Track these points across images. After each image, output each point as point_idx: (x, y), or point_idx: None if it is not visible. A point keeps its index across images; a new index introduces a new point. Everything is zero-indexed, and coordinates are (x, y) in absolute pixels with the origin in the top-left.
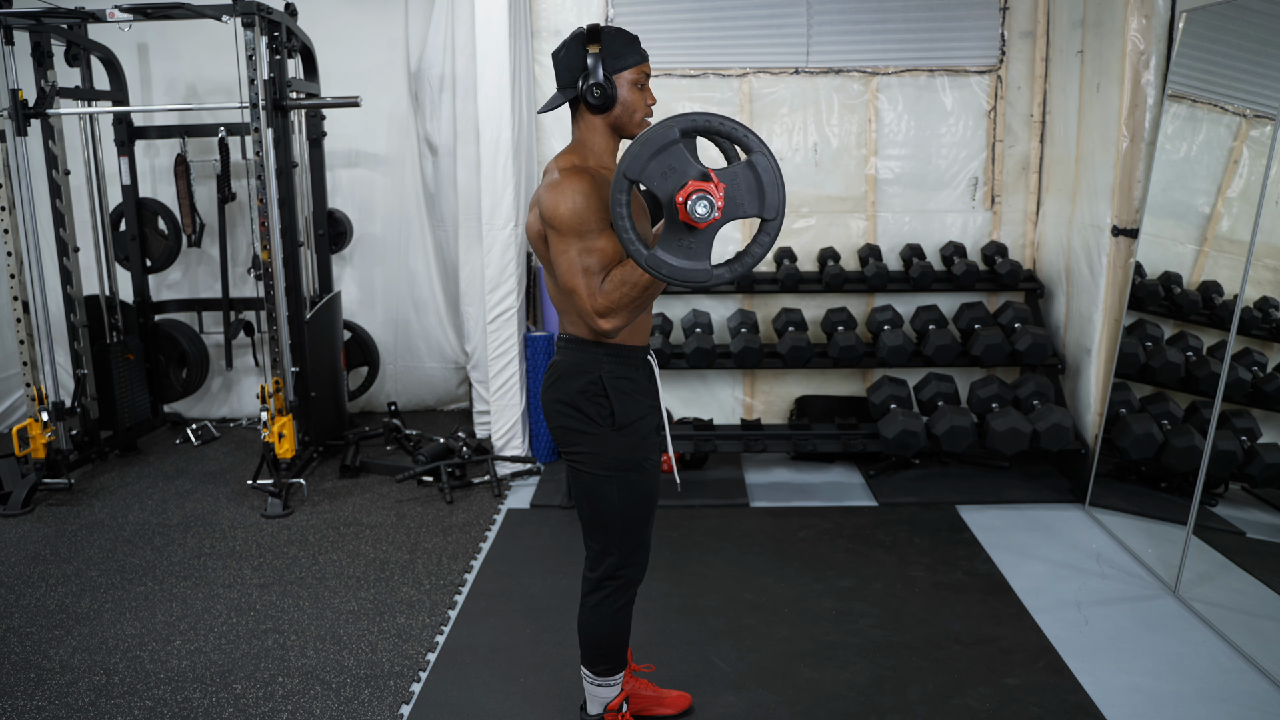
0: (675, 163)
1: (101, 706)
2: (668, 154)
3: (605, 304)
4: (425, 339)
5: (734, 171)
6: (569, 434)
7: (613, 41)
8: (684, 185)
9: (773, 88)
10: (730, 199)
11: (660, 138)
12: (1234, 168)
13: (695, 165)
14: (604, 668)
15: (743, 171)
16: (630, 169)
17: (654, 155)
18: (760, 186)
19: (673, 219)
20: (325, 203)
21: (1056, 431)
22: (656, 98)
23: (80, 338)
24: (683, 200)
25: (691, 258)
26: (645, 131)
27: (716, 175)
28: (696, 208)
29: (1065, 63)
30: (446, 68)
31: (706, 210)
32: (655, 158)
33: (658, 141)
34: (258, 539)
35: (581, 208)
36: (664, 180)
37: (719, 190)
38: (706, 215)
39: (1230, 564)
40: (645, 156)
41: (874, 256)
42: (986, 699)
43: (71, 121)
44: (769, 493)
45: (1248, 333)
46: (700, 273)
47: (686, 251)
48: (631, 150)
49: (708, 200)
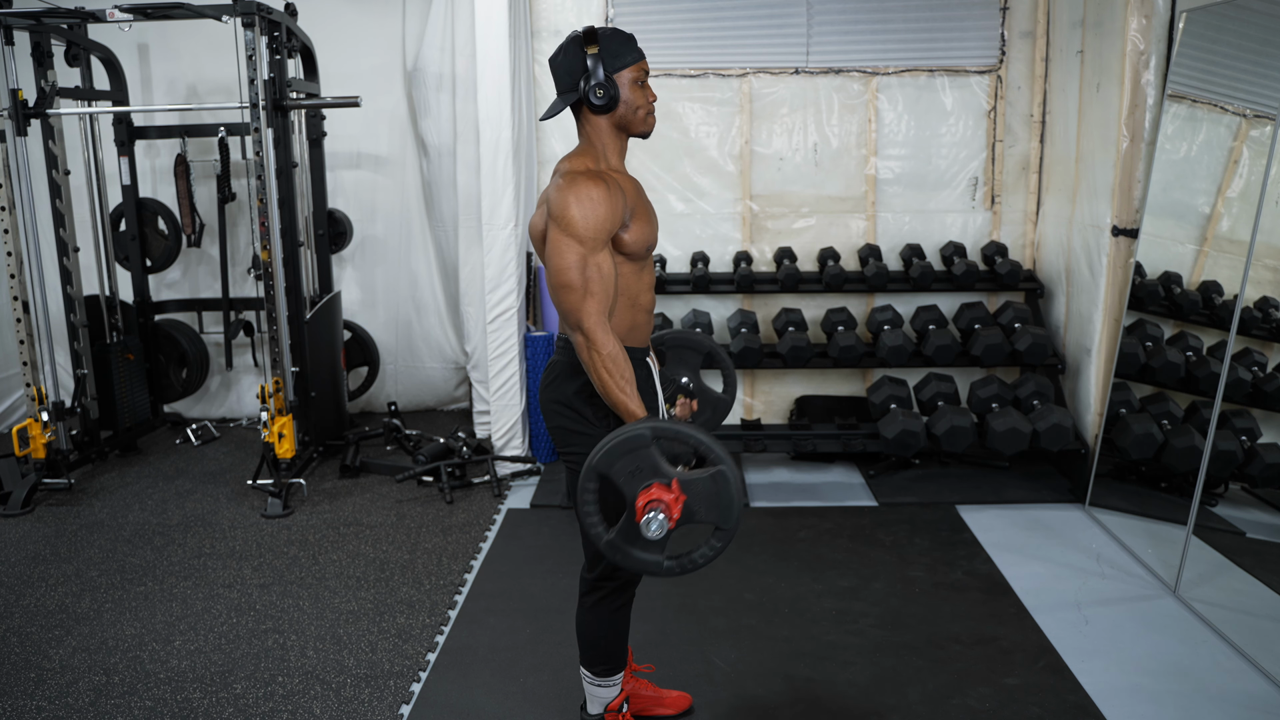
0: (643, 464)
1: (101, 706)
2: (637, 455)
3: (590, 332)
4: (425, 339)
5: (696, 480)
6: (567, 434)
7: (610, 41)
8: (647, 488)
9: (773, 88)
10: (688, 508)
11: (634, 439)
12: (1234, 168)
13: (662, 469)
14: (603, 668)
15: (706, 483)
16: (601, 464)
17: (625, 453)
18: (720, 499)
19: (630, 519)
20: (325, 203)
21: (1056, 431)
22: (657, 96)
23: (80, 338)
24: (641, 507)
25: (647, 549)
26: (621, 429)
27: (680, 483)
28: (650, 527)
29: (1065, 63)
30: (444, 67)
31: (657, 531)
32: (626, 456)
33: (631, 442)
34: (258, 539)
35: (590, 214)
36: (630, 479)
37: (678, 502)
38: (658, 535)
39: (1230, 564)
40: (617, 453)
41: (874, 256)
42: (986, 699)
43: (71, 121)
44: (769, 493)
45: (1248, 333)
46: (653, 564)
47: (644, 544)
48: (605, 443)
49: (661, 519)
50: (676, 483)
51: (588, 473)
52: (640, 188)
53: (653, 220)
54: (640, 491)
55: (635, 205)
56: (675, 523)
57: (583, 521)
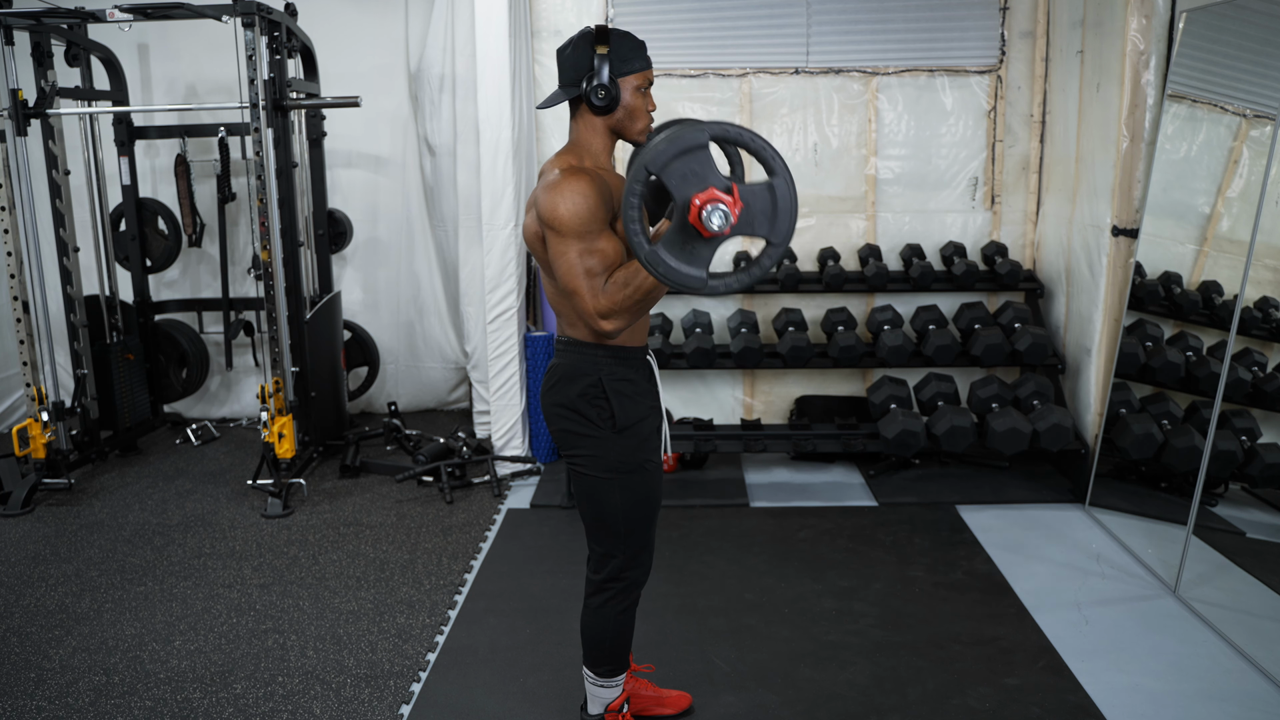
0: (699, 167)
1: (101, 706)
2: (693, 156)
3: (607, 305)
4: (426, 339)
5: (754, 190)
6: (570, 437)
7: (621, 45)
8: (705, 190)
9: (773, 88)
10: (743, 217)
11: (690, 139)
12: (1234, 168)
13: (718, 175)
14: (606, 669)
15: (762, 192)
16: (653, 162)
17: (680, 155)
18: (775, 211)
19: (683, 221)
20: (325, 203)
21: (1056, 431)
22: (655, 100)
23: (80, 338)
24: (699, 204)
25: (690, 263)
26: (674, 129)
27: (738, 188)
28: (712, 218)
29: (1065, 63)
30: (446, 68)
31: (721, 222)
32: (680, 157)
33: (686, 142)
34: (258, 539)
35: (581, 208)
36: (683, 182)
37: (736, 206)
38: (720, 227)
39: (1230, 564)
40: (670, 154)
41: (874, 256)
42: (986, 699)
43: (71, 121)
44: (769, 493)
45: (1248, 333)
46: (696, 279)
47: (688, 256)
48: (656, 145)
49: (723, 212)
50: (736, 189)
51: (636, 172)
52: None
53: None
54: (695, 194)
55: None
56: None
57: (626, 228)
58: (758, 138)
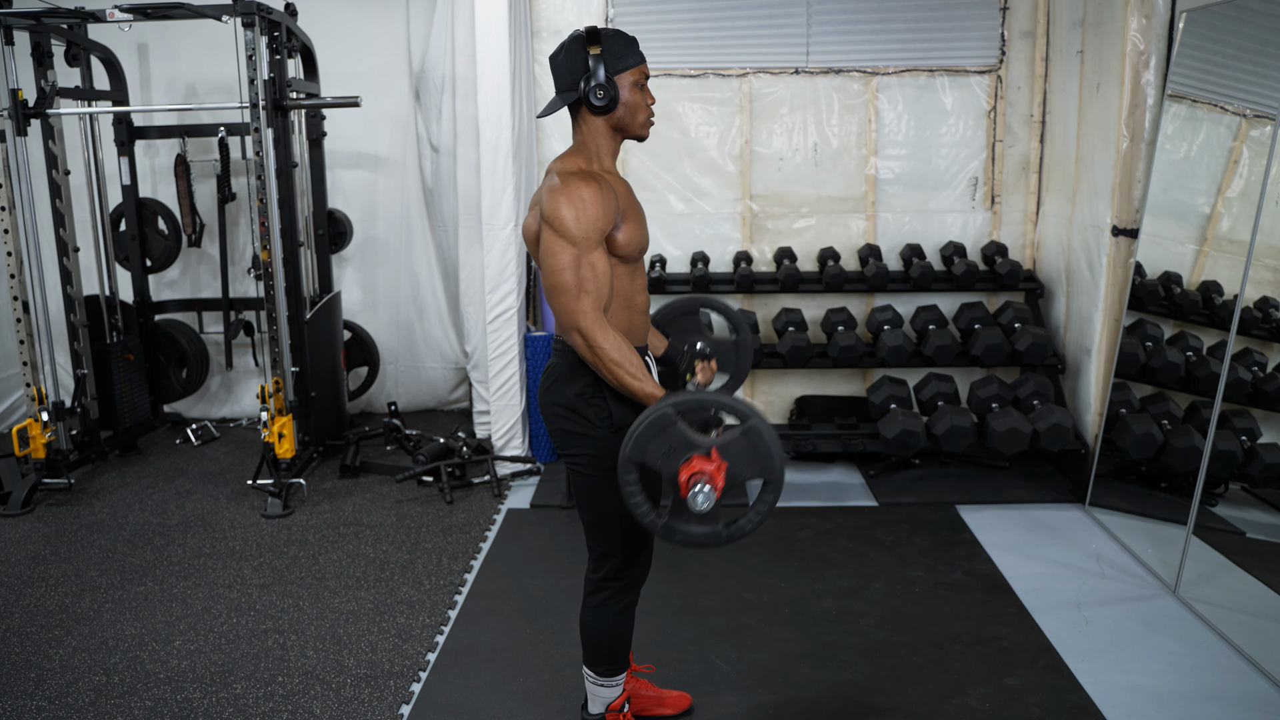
0: (675, 441)
1: (101, 706)
2: (666, 435)
3: (588, 331)
4: (426, 339)
5: (731, 443)
6: (568, 437)
7: (613, 43)
8: (687, 461)
9: (773, 88)
10: (731, 472)
11: (659, 421)
12: (1234, 168)
13: (694, 441)
14: (606, 668)
15: (741, 441)
16: (634, 454)
17: (655, 436)
18: (758, 453)
19: (678, 497)
20: (325, 203)
21: (1056, 431)
22: (656, 98)
23: (80, 338)
24: (685, 481)
25: (701, 525)
26: (643, 414)
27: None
28: (698, 500)
29: (1065, 63)
30: (448, 68)
31: (705, 502)
32: (656, 438)
33: (657, 425)
34: (258, 539)
35: (583, 215)
36: (666, 460)
37: (720, 470)
38: (706, 507)
39: (1230, 564)
40: (646, 439)
41: (874, 256)
42: (986, 699)
43: (71, 121)
44: None
45: (1248, 333)
46: (709, 536)
47: (696, 520)
48: (632, 433)
49: (706, 492)
50: (715, 451)
51: (624, 465)
52: (631, 189)
53: (644, 222)
54: (681, 467)
55: (627, 207)
56: (721, 490)
57: (633, 514)
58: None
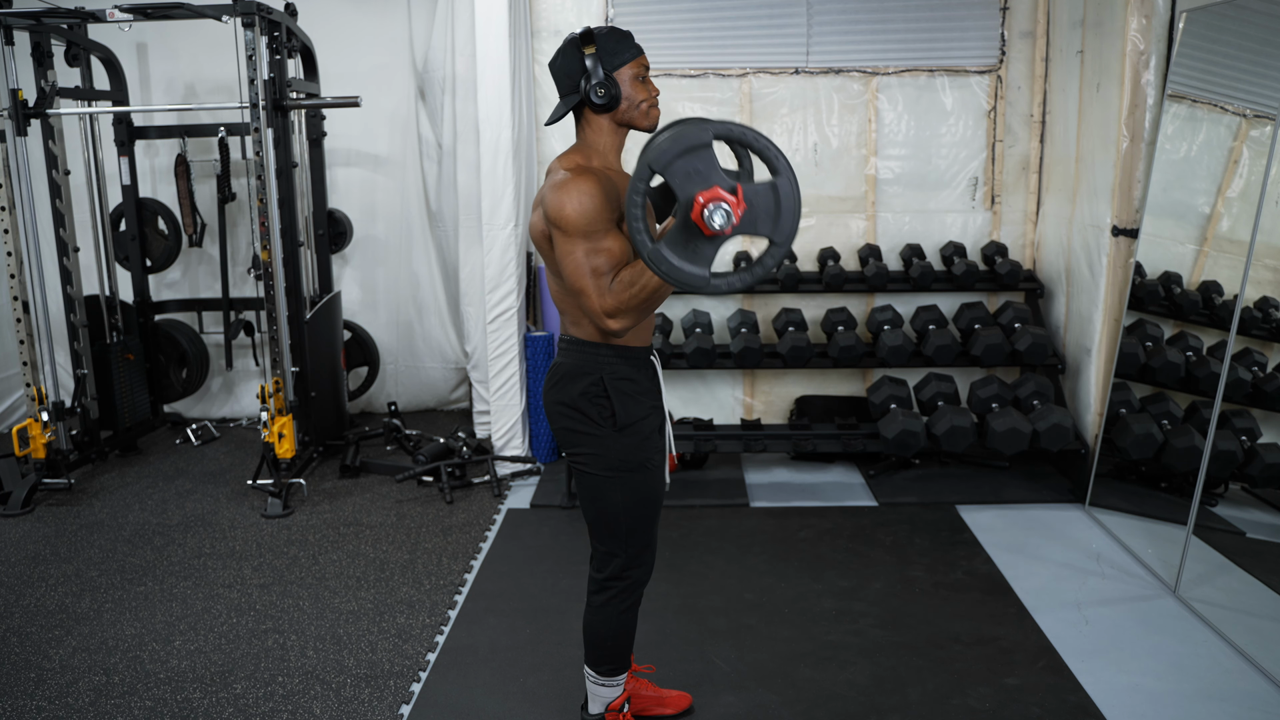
0: (702, 165)
1: (101, 706)
2: (696, 155)
3: (614, 304)
4: (426, 339)
5: (758, 189)
6: (572, 436)
7: (607, 40)
8: (708, 189)
9: (773, 88)
10: (746, 216)
11: (693, 137)
12: (1234, 168)
13: (721, 174)
14: (608, 668)
15: (766, 192)
16: (656, 160)
17: (682, 153)
18: (778, 210)
19: (686, 219)
20: (325, 203)
21: (1056, 431)
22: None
23: (80, 338)
24: (702, 203)
25: (693, 261)
26: (678, 128)
27: (742, 189)
28: (714, 217)
29: (1065, 63)
30: (448, 68)
31: (723, 221)
32: (683, 156)
33: (689, 140)
34: (258, 539)
35: (588, 208)
36: (686, 180)
37: (739, 206)
38: (722, 226)
39: (1230, 564)
40: (674, 152)
41: (874, 256)
42: (986, 699)
43: (71, 121)
44: (769, 493)
45: (1248, 333)
46: (698, 278)
47: (690, 254)
48: (659, 143)
49: (725, 211)
50: (740, 189)
51: (640, 170)
52: None
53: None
54: (700, 192)
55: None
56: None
57: (630, 225)
58: (761, 137)
